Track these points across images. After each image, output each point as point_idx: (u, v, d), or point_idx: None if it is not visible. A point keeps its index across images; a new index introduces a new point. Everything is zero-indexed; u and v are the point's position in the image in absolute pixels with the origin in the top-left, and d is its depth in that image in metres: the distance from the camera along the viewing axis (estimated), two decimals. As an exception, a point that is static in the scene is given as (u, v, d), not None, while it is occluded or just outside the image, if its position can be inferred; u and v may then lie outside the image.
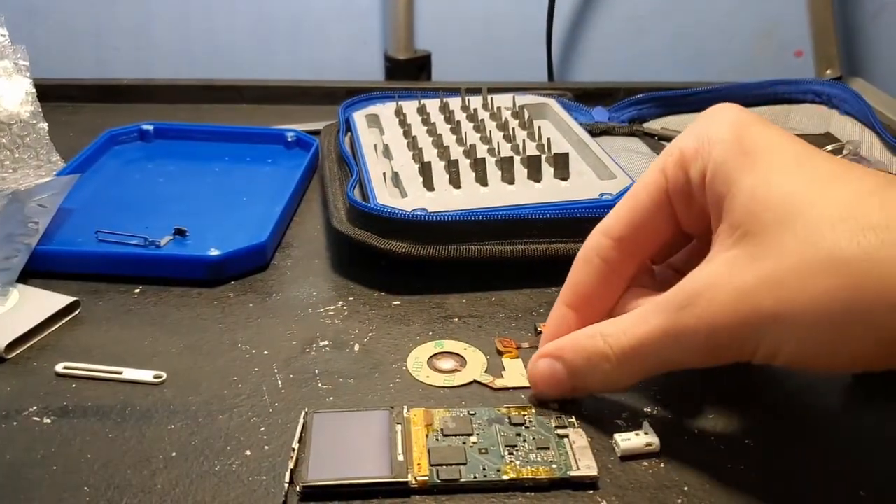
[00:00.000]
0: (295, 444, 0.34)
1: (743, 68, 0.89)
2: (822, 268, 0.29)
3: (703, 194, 0.34)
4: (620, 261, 0.36)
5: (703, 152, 0.34)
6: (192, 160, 0.63)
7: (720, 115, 0.35)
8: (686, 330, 0.32)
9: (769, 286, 0.30)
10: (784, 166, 0.32)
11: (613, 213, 0.37)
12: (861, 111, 0.62)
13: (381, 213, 0.46)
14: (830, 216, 0.29)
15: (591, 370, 0.35)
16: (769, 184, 0.31)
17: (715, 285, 0.31)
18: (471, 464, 0.33)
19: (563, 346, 0.36)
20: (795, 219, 0.30)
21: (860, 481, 0.33)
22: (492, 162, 0.52)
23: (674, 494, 0.33)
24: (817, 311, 0.29)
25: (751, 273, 0.30)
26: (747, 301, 0.30)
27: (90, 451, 0.35)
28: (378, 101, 0.63)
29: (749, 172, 0.32)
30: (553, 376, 0.36)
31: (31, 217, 0.49)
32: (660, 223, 0.36)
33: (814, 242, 0.29)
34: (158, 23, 0.87)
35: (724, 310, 0.31)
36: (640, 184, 0.36)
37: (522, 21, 0.87)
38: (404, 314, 0.45)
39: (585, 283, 0.37)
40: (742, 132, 0.33)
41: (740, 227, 0.31)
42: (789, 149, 0.33)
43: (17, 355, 0.41)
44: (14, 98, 0.62)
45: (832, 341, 0.30)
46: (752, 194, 0.31)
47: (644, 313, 0.33)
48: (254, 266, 0.49)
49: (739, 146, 0.33)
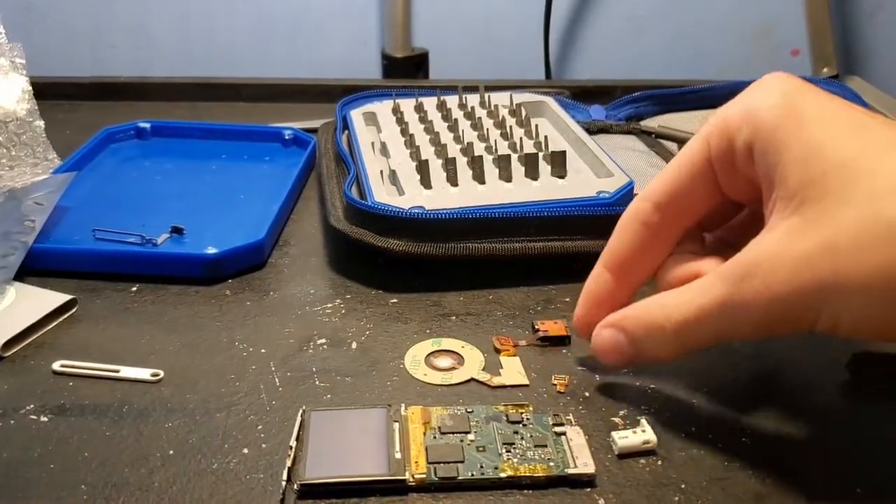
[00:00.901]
0: (292, 442, 0.34)
1: (740, 67, 0.90)
2: (881, 237, 0.29)
3: (748, 164, 0.33)
4: (661, 226, 0.36)
5: (748, 121, 0.33)
6: (189, 158, 0.63)
7: (770, 84, 0.34)
8: (744, 302, 0.31)
9: (828, 255, 0.29)
10: (840, 133, 0.31)
11: (656, 180, 0.37)
12: (858, 109, 0.62)
13: (378, 211, 0.46)
14: (889, 185, 0.29)
15: (650, 340, 0.35)
16: (825, 150, 0.31)
17: (773, 255, 0.31)
18: (468, 461, 0.33)
19: (626, 316, 0.36)
20: (854, 186, 0.30)
21: (858, 479, 0.33)
22: (489, 160, 0.52)
23: (671, 492, 0.33)
24: (877, 281, 0.29)
25: (809, 242, 0.30)
26: (806, 270, 0.30)
27: (87, 450, 0.35)
28: (375, 99, 0.63)
29: (803, 140, 0.31)
30: (616, 346, 0.36)
31: (28, 215, 0.49)
32: (701, 191, 0.36)
33: (873, 211, 0.29)
34: (156, 21, 0.86)
35: (783, 279, 0.30)
36: (684, 153, 0.36)
37: (520, 19, 0.87)
38: (402, 312, 0.45)
39: (625, 247, 0.37)
40: (793, 99, 0.32)
41: (796, 195, 0.31)
42: (844, 115, 0.32)
43: (14, 353, 0.41)
44: (10, 96, 0.62)
45: (893, 311, 0.29)
46: (808, 162, 0.31)
47: (703, 285, 0.33)
48: (251, 264, 0.49)
49: (791, 112, 0.32)
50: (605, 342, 0.36)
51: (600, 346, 0.37)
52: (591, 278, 0.38)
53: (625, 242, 0.37)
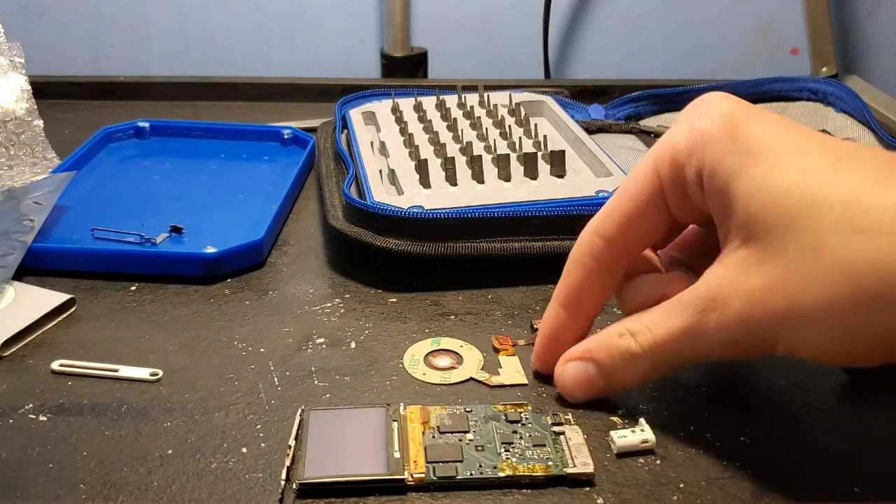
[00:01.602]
0: (291, 441, 0.34)
1: (739, 66, 0.90)
2: (826, 275, 0.29)
3: (699, 193, 0.34)
4: (612, 259, 0.36)
5: (697, 150, 0.33)
6: (188, 157, 0.63)
7: (710, 108, 0.34)
8: (707, 331, 0.32)
9: (778, 291, 0.30)
10: (782, 161, 0.31)
11: (606, 213, 0.36)
12: (857, 109, 0.62)
13: (377, 211, 0.46)
14: (830, 217, 0.29)
15: (622, 367, 0.35)
16: (768, 182, 0.31)
17: (727, 289, 0.32)
18: (467, 461, 0.33)
19: (591, 348, 0.36)
20: (797, 221, 0.30)
21: (856, 479, 0.33)
22: (488, 159, 0.52)
23: (669, 491, 0.33)
24: (826, 314, 0.30)
25: (759, 278, 0.31)
26: (759, 306, 0.31)
27: (86, 449, 0.35)
28: (374, 98, 0.63)
29: (746, 171, 0.32)
30: (587, 379, 0.36)
31: (27, 214, 0.49)
32: (653, 220, 0.36)
33: (815, 249, 0.29)
34: (154, 20, 0.86)
35: (737, 314, 0.31)
36: (633, 184, 0.36)
37: (519, 19, 0.87)
38: (401, 311, 0.45)
39: (579, 283, 0.37)
40: (735, 128, 0.33)
41: (743, 229, 0.31)
42: (787, 140, 0.32)
43: (13, 353, 0.41)
44: (9, 95, 0.62)
45: (845, 338, 0.30)
46: (751, 196, 0.31)
47: (669, 309, 0.34)
48: (250, 263, 0.49)
49: (733, 142, 0.32)
50: (572, 376, 0.37)
51: (568, 380, 0.37)
52: (546, 317, 0.38)
53: (578, 279, 0.37)
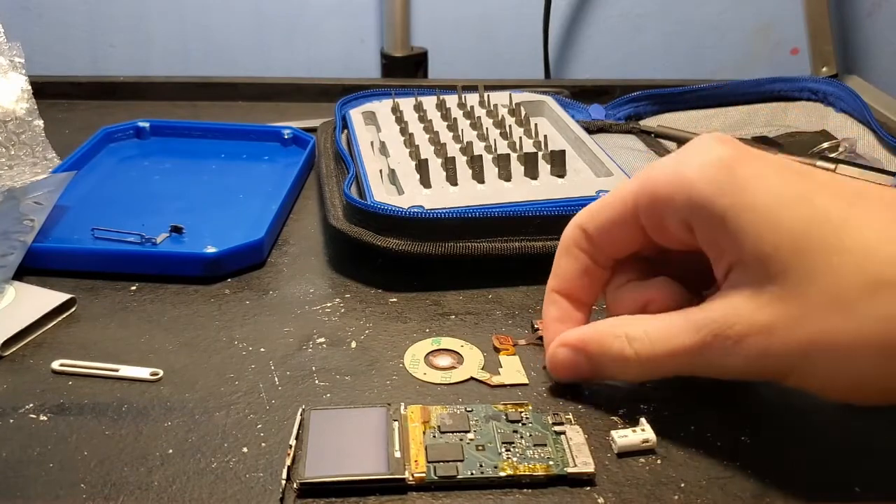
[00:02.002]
0: (292, 441, 0.34)
1: (739, 66, 0.90)
2: (849, 323, 0.30)
3: (681, 230, 0.34)
4: (594, 252, 0.37)
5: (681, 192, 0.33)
6: (188, 157, 0.63)
7: (701, 153, 0.33)
8: (717, 356, 0.33)
9: (798, 330, 0.31)
10: (786, 202, 0.31)
11: (592, 212, 0.37)
12: (857, 109, 0.62)
13: (377, 211, 0.46)
14: (850, 265, 0.30)
15: (614, 368, 0.36)
16: (778, 222, 0.31)
17: (745, 320, 0.32)
18: (468, 460, 0.33)
19: (586, 341, 0.36)
20: (815, 265, 0.31)
21: (856, 479, 0.33)
22: (488, 159, 0.52)
23: (670, 491, 0.33)
24: (848, 359, 0.30)
25: (779, 314, 0.31)
26: (778, 340, 0.31)
27: (87, 449, 0.35)
28: (375, 98, 0.63)
29: (750, 209, 0.32)
30: (576, 367, 0.37)
31: (27, 214, 0.49)
32: (628, 237, 0.36)
33: (837, 297, 0.30)
34: (154, 20, 0.86)
35: (758, 346, 0.32)
36: (616, 201, 0.36)
37: (519, 19, 0.87)
38: (401, 311, 0.45)
39: (568, 270, 0.38)
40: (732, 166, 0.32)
41: (755, 265, 0.32)
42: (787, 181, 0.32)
43: (13, 353, 0.41)
44: (9, 95, 0.62)
45: (861, 380, 0.31)
46: (760, 235, 0.31)
47: (672, 326, 0.34)
48: (250, 263, 0.49)
49: (732, 180, 0.32)
50: (562, 361, 0.37)
51: (558, 363, 0.37)
52: (545, 303, 0.39)
53: (567, 266, 0.38)
